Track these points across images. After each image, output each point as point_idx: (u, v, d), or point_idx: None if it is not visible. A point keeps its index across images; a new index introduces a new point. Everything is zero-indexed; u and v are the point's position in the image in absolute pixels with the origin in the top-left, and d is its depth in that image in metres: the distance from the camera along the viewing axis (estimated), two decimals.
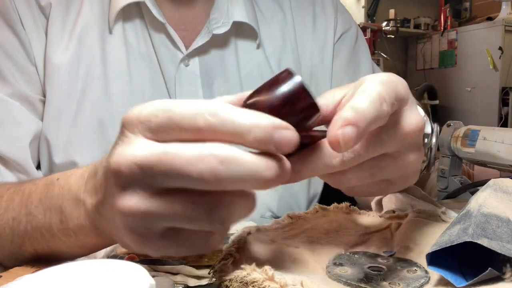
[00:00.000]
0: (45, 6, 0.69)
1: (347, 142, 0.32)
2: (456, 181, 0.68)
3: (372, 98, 0.34)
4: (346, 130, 0.32)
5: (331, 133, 0.32)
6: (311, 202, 0.82)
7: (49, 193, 0.44)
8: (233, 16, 0.72)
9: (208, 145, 0.29)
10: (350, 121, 0.32)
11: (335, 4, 0.84)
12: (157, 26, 0.71)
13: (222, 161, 0.29)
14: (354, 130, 0.32)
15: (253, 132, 0.29)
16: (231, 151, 0.29)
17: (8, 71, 0.67)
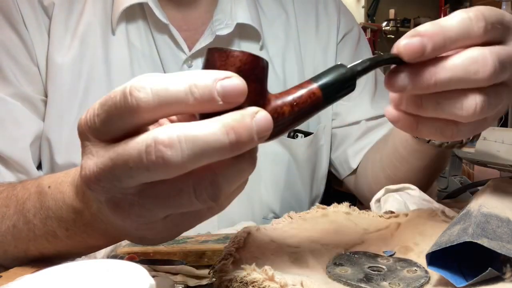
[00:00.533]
0: (48, 6, 0.69)
1: (408, 51, 0.34)
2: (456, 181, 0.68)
3: (458, 16, 0.34)
4: (411, 40, 0.34)
5: (397, 44, 0.35)
6: (313, 203, 0.82)
7: (44, 203, 0.44)
8: (237, 17, 0.72)
9: (149, 133, 0.28)
10: (419, 33, 0.34)
11: (338, 5, 0.84)
12: (160, 27, 0.71)
13: (168, 145, 0.27)
14: (419, 40, 0.33)
15: (193, 93, 0.27)
16: (171, 130, 0.27)
17: (10, 71, 0.67)
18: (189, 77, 0.28)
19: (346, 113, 0.82)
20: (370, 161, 0.77)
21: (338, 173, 0.85)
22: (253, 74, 0.31)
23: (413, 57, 0.34)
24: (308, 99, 0.32)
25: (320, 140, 0.81)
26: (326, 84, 0.33)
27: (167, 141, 0.27)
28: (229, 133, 0.27)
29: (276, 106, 0.32)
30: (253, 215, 0.75)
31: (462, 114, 0.35)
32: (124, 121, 0.29)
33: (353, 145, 0.81)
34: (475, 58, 0.34)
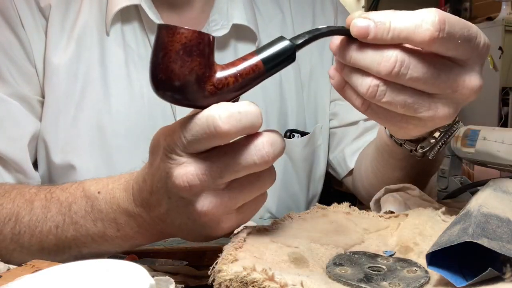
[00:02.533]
0: (44, 8, 0.69)
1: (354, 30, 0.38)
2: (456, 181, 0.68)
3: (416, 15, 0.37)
4: (361, 21, 0.38)
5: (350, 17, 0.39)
6: (310, 203, 0.82)
7: (95, 206, 0.46)
8: (233, 18, 0.72)
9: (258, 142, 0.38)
10: (369, 16, 0.38)
11: (335, 5, 0.84)
12: (155, 29, 0.70)
13: (271, 144, 0.38)
14: (366, 23, 0.38)
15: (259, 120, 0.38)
16: (268, 140, 0.38)
17: (7, 71, 0.67)
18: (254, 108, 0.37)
19: (344, 113, 0.82)
20: (363, 164, 0.77)
21: (336, 173, 0.85)
22: (198, 49, 0.35)
23: (359, 37, 0.38)
24: (251, 71, 0.36)
25: (317, 140, 0.81)
26: (268, 57, 0.37)
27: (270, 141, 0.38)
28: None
29: (222, 77, 0.36)
30: None
31: (360, 90, 0.41)
32: (211, 141, 0.37)
33: (350, 144, 0.81)
34: (387, 56, 0.38)
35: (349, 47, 0.40)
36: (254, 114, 0.36)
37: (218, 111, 0.36)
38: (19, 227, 0.50)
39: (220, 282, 0.33)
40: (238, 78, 0.36)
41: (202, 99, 0.36)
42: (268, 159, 0.38)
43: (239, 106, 0.36)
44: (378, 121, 0.45)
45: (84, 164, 0.68)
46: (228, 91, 0.36)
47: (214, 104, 0.36)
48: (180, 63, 0.35)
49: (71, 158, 0.68)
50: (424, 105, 0.40)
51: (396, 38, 0.37)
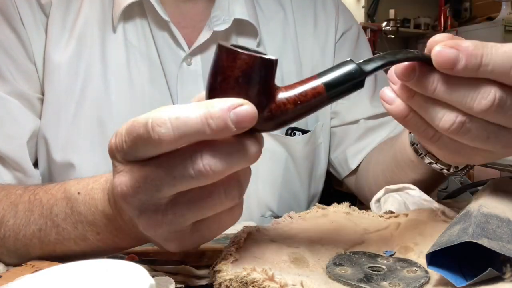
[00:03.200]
0: (45, 4, 0.69)
1: (440, 60, 0.34)
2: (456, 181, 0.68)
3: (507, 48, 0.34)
4: (447, 50, 0.34)
5: (433, 46, 0.35)
6: (312, 202, 0.82)
7: (75, 208, 0.45)
8: (234, 13, 0.72)
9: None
10: (458, 46, 0.34)
11: (336, 3, 0.84)
12: (161, 24, 0.71)
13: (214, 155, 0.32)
14: (455, 53, 0.34)
15: (210, 125, 0.31)
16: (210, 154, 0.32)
17: (7, 69, 0.67)
18: (204, 108, 0.31)
19: (345, 112, 0.82)
20: (373, 161, 0.77)
21: (337, 173, 0.85)
22: (258, 76, 0.32)
23: (442, 68, 0.34)
24: (312, 98, 0.33)
25: (318, 138, 0.80)
26: (331, 82, 0.33)
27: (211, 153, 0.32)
28: (208, 121, 0.31)
29: (280, 103, 0.33)
30: (250, 213, 0.75)
31: (440, 124, 0.37)
32: (149, 150, 0.33)
33: (353, 145, 0.81)
34: (483, 90, 0.35)
35: (432, 77, 0.36)
36: (194, 121, 0.31)
37: (155, 114, 0.32)
38: (4, 230, 0.49)
39: (220, 282, 0.33)
40: (298, 105, 0.33)
41: (258, 124, 0.32)
42: (208, 173, 0.32)
43: (179, 111, 0.31)
44: (444, 150, 0.42)
45: (84, 162, 0.68)
46: (285, 118, 0.33)
47: (159, 108, 0.33)
48: (238, 90, 0.32)
49: (71, 156, 0.68)
50: (503, 139, 0.37)
51: (483, 75, 0.34)
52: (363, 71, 0.33)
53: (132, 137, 0.32)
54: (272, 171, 0.76)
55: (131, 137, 0.33)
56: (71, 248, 0.46)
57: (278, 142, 0.76)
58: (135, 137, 0.32)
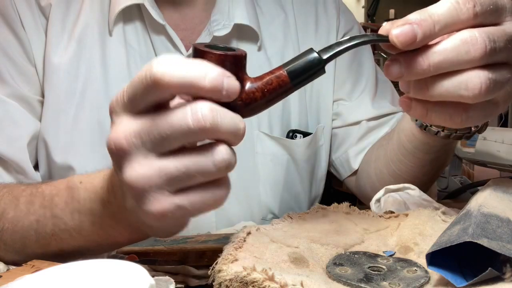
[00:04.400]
0: (45, 7, 0.68)
1: (401, 39, 0.35)
2: (456, 181, 0.68)
3: (446, 1, 0.35)
4: (403, 28, 0.35)
5: (389, 33, 0.36)
6: (313, 204, 0.82)
7: (75, 196, 0.45)
8: (234, 18, 0.72)
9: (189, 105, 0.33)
10: (409, 21, 0.35)
11: (337, 5, 0.84)
12: (157, 28, 0.70)
13: (212, 109, 0.33)
14: (410, 28, 0.35)
15: (208, 80, 0.33)
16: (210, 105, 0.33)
17: (7, 71, 0.67)
18: (205, 65, 0.33)
19: (347, 113, 0.82)
20: (374, 158, 0.77)
21: (338, 173, 0.85)
22: (228, 70, 0.35)
23: (406, 45, 0.35)
24: (277, 85, 0.36)
25: (319, 141, 0.80)
26: (294, 71, 0.36)
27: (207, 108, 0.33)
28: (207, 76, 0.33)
29: (249, 92, 0.36)
30: (252, 215, 0.75)
31: (468, 94, 0.36)
32: (148, 94, 0.33)
33: (355, 146, 0.81)
34: (465, 39, 0.35)
35: (416, 59, 0.36)
36: (196, 72, 0.33)
37: (158, 60, 0.33)
38: (3, 223, 0.50)
39: (220, 282, 0.33)
40: (265, 93, 0.36)
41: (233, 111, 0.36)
42: (205, 125, 0.33)
43: (184, 60, 0.33)
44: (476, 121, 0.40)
45: (84, 164, 0.68)
46: (255, 105, 0.36)
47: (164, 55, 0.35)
48: None
49: (71, 158, 0.68)
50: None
51: (444, 29, 0.35)
52: (322, 59, 0.36)
53: (134, 83, 0.34)
54: (274, 174, 0.76)
55: (133, 83, 0.34)
56: (66, 242, 0.46)
57: (279, 144, 0.76)
58: (137, 82, 0.33)
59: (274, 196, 0.76)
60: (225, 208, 0.73)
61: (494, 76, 0.36)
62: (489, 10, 0.36)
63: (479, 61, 0.35)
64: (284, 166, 0.77)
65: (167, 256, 0.47)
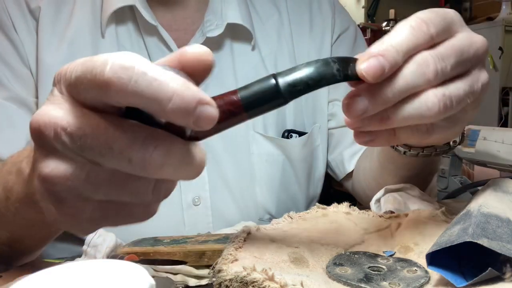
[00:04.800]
0: (34, 9, 0.69)
1: (372, 74, 0.34)
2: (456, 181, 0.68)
3: (401, 29, 0.35)
4: (370, 63, 0.34)
5: (357, 69, 0.34)
6: (310, 204, 0.82)
7: (1, 170, 0.43)
8: (227, 18, 0.72)
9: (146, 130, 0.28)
10: (373, 54, 0.34)
11: (333, 4, 0.83)
12: (150, 29, 0.70)
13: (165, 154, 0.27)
14: (377, 61, 0.34)
15: (174, 102, 0.26)
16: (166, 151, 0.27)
17: (3, 74, 0.67)
18: (178, 82, 0.26)
19: (342, 114, 0.81)
20: (361, 169, 0.77)
21: (335, 174, 0.85)
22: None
23: (376, 78, 0.34)
24: (228, 112, 0.31)
25: (316, 140, 0.80)
26: (247, 97, 0.31)
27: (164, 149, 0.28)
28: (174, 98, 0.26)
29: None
30: (249, 216, 0.75)
31: (429, 113, 0.36)
32: (91, 90, 0.27)
33: (349, 147, 0.81)
34: (419, 62, 0.35)
35: (379, 89, 0.35)
36: (160, 84, 0.26)
37: (118, 57, 0.26)
38: None
39: (220, 282, 0.33)
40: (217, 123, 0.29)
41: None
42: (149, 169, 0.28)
43: (152, 69, 0.26)
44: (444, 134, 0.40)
45: None
46: (204, 134, 0.31)
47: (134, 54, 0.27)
48: None
49: None
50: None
51: (406, 55, 0.35)
52: (280, 89, 0.31)
53: (85, 67, 0.27)
54: (270, 174, 0.76)
55: (84, 68, 0.27)
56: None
57: (275, 144, 0.76)
58: (87, 68, 0.27)
59: (270, 196, 0.76)
60: (221, 209, 0.74)
61: (448, 92, 0.36)
62: (442, 29, 0.37)
63: (435, 79, 0.36)
64: (280, 166, 0.77)
65: (167, 256, 0.47)
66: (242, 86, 0.31)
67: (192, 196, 0.71)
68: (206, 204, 0.72)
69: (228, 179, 0.73)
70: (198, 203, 0.72)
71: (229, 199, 0.74)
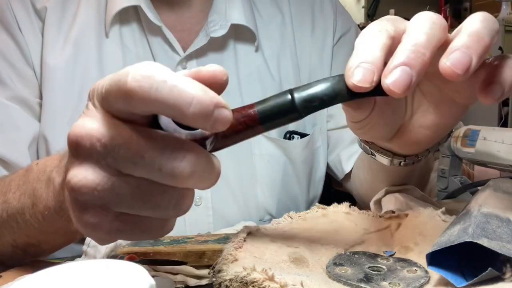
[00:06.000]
0: (40, 10, 0.69)
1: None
2: (456, 181, 0.68)
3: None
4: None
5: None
6: (311, 205, 0.82)
7: (27, 177, 0.44)
8: (231, 18, 0.72)
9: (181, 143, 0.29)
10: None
11: (334, 6, 0.84)
12: (154, 29, 0.70)
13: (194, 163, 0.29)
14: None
15: (194, 107, 0.27)
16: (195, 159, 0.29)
17: (6, 75, 0.67)
18: (194, 87, 0.27)
19: (340, 116, 0.81)
20: (357, 179, 0.76)
21: (335, 175, 0.85)
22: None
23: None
24: (245, 124, 0.32)
25: (317, 142, 0.80)
26: (264, 111, 0.33)
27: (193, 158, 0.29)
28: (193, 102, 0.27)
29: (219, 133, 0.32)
30: (249, 216, 0.75)
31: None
32: (120, 101, 0.29)
33: (346, 149, 0.81)
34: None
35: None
36: (180, 90, 0.27)
37: (139, 67, 0.28)
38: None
39: (220, 282, 0.33)
40: (234, 128, 0.32)
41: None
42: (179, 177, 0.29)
43: (171, 76, 0.27)
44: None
45: None
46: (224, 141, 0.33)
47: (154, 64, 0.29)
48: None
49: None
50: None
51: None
52: (295, 105, 0.33)
53: (112, 80, 0.29)
54: (271, 175, 0.76)
55: (111, 80, 0.29)
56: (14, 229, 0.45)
57: (277, 145, 0.76)
58: (113, 80, 0.29)
59: (271, 197, 0.76)
60: (222, 209, 0.74)
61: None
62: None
63: None
64: (281, 167, 0.77)
65: (167, 256, 0.47)
66: (259, 101, 0.33)
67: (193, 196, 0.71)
68: (207, 204, 0.72)
69: (229, 180, 0.73)
70: (199, 203, 0.72)
71: (230, 199, 0.74)
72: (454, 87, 0.39)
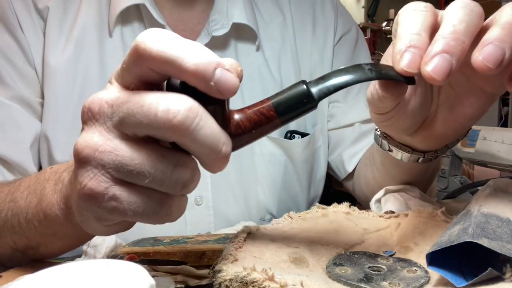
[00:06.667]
0: (42, 9, 0.69)
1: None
2: (456, 181, 0.68)
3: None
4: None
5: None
6: (311, 205, 0.82)
7: (38, 178, 0.44)
8: (233, 17, 0.72)
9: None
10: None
11: (335, 6, 0.84)
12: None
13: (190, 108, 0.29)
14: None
15: (195, 60, 0.29)
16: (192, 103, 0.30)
17: (8, 74, 0.67)
18: (199, 48, 0.30)
19: (341, 115, 0.82)
20: (363, 177, 0.76)
21: (336, 175, 0.85)
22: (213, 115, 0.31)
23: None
24: (262, 118, 0.33)
25: (318, 141, 0.80)
26: (279, 103, 0.33)
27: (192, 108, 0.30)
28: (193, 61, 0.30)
29: (238, 122, 0.33)
30: (250, 216, 0.75)
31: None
32: (130, 64, 0.31)
33: (348, 148, 0.81)
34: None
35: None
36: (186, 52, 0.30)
37: (149, 30, 0.31)
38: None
39: (220, 282, 0.33)
40: (251, 123, 0.33)
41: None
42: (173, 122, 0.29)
43: (178, 38, 0.31)
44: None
45: None
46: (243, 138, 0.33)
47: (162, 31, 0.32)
48: None
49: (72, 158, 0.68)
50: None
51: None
52: (310, 93, 0.33)
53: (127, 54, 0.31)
54: (271, 174, 0.76)
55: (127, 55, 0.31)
56: (15, 229, 0.46)
57: (277, 145, 0.76)
58: (130, 54, 0.31)
59: (272, 196, 0.76)
60: (223, 208, 0.74)
61: None
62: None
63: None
64: (282, 167, 0.77)
65: (167, 256, 0.47)
66: (272, 95, 0.33)
67: (195, 196, 0.71)
68: (208, 203, 0.72)
69: (230, 179, 0.73)
70: (200, 202, 0.72)
71: (231, 199, 0.74)
72: (483, 76, 0.38)
